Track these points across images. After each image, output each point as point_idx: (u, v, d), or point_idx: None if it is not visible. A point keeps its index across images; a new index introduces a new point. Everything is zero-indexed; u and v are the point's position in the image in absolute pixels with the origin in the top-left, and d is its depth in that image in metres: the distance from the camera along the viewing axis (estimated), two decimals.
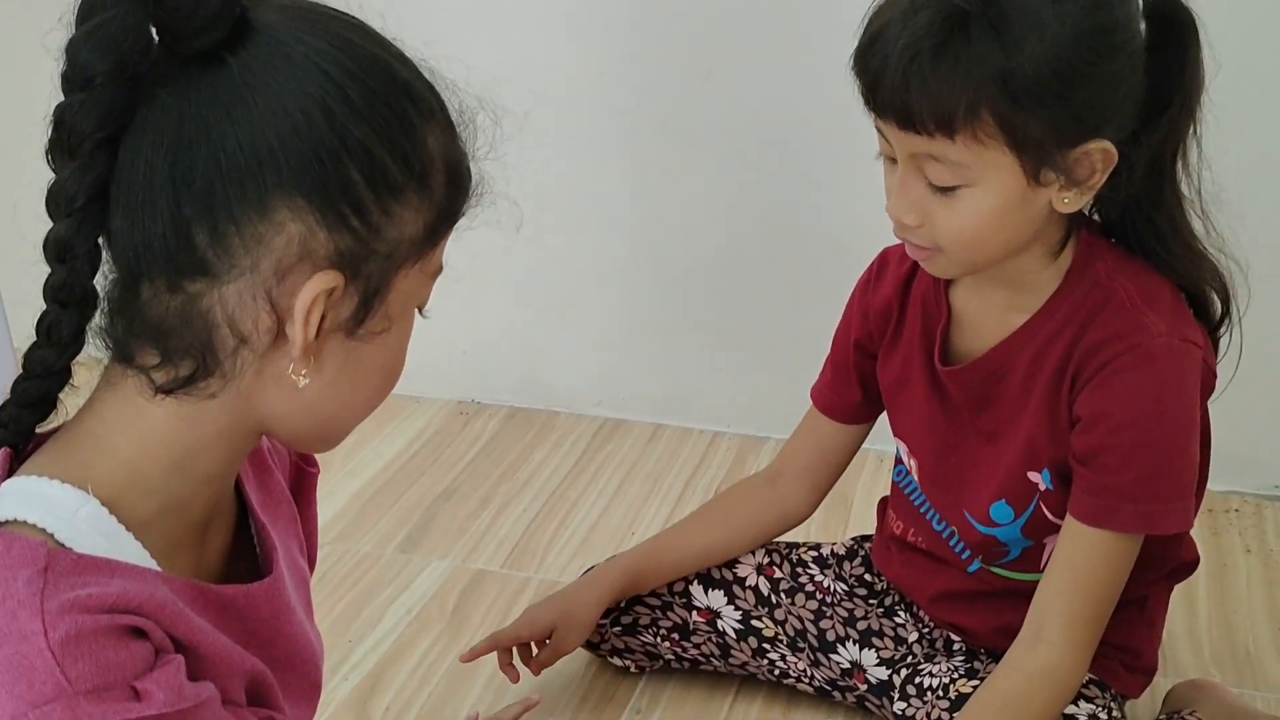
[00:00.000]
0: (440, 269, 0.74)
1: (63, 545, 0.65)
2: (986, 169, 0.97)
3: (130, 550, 0.68)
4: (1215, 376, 1.07)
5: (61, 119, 0.64)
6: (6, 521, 0.66)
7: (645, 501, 1.81)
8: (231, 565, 0.79)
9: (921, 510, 1.25)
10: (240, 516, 0.81)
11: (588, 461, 1.92)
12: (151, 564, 0.69)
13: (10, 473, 0.69)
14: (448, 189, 0.71)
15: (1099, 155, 0.98)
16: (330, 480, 1.85)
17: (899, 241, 1.08)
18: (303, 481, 0.92)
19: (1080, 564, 1.07)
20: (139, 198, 0.65)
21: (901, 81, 0.94)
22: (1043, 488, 1.11)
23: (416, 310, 0.75)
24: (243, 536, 0.81)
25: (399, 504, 1.81)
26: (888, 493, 1.34)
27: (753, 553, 1.37)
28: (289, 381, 0.68)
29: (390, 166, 0.66)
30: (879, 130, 1.02)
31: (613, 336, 2.03)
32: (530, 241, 1.98)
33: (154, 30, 0.64)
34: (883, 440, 1.35)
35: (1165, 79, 0.99)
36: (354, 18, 0.70)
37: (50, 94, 0.65)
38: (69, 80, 0.64)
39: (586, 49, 1.86)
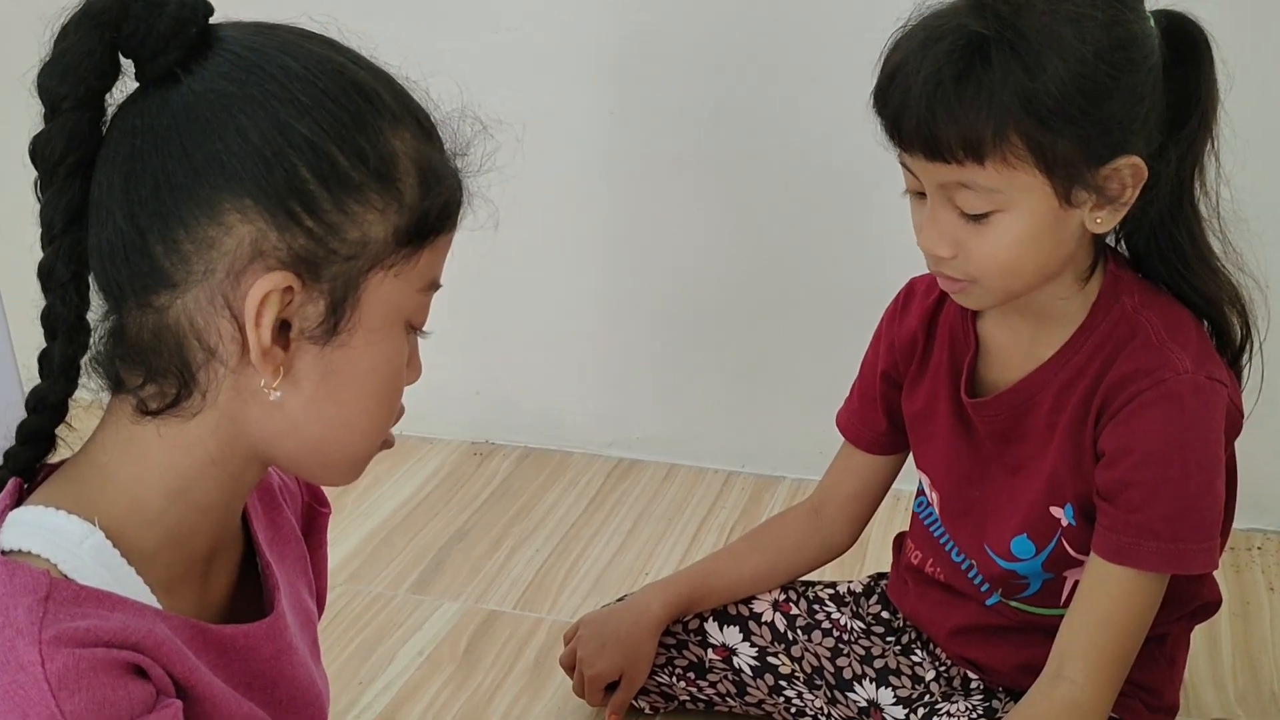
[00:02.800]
0: (434, 284, 0.73)
1: (66, 576, 0.65)
2: (1018, 192, 0.96)
3: (131, 585, 0.67)
4: (1242, 416, 1.06)
5: (35, 148, 0.65)
6: (12, 551, 0.65)
7: (659, 542, 1.79)
8: (235, 603, 0.78)
9: (940, 541, 1.24)
10: (247, 553, 0.80)
11: (601, 501, 1.91)
12: (151, 600, 0.68)
13: (19, 503, 0.69)
14: (421, 193, 0.69)
15: (1128, 171, 0.98)
16: (343, 521, 1.84)
17: (924, 271, 1.08)
18: (314, 521, 0.91)
19: (1104, 601, 1.05)
20: (102, 216, 0.66)
21: (927, 112, 0.94)
22: (1065, 523, 1.10)
23: (414, 330, 0.73)
24: (249, 574, 0.80)
25: (412, 545, 1.79)
26: (904, 529, 1.33)
27: (769, 590, 1.36)
28: (265, 397, 0.67)
29: (342, 162, 0.65)
30: (904, 165, 1.02)
31: (626, 376, 2.02)
32: (544, 279, 1.98)
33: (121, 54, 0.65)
34: (899, 478, 1.34)
35: (1182, 95, 1.00)
36: (316, 33, 0.70)
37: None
38: (44, 110, 0.65)
39: (602, 83, 1.86)
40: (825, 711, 1.31)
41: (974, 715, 1.17)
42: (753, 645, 1.33)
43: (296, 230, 0.65)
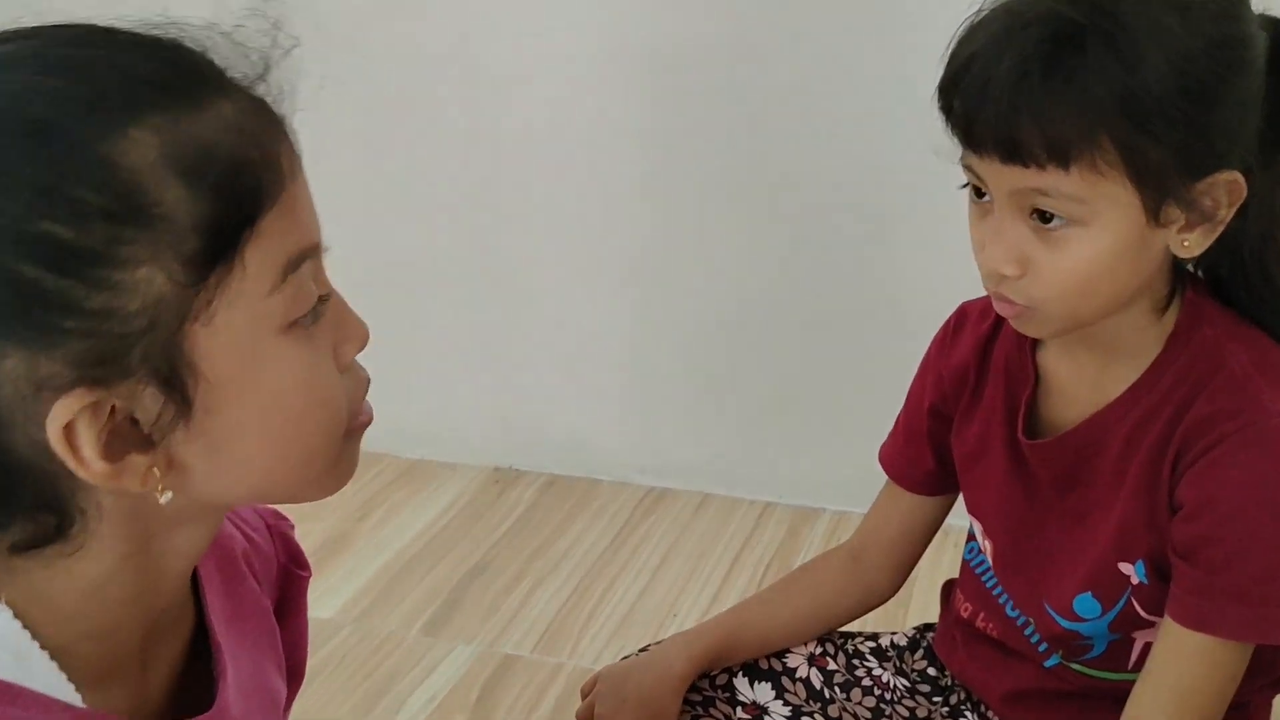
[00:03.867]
0: (294, 263, 0.57)
1: None
2: (1102, 204, 0.85)
3: (42, 676, 0.57)
4: None
5: None
6: None
7: (689, 579, 1.68)
8: (184, 691, 0.67)
9: (994, 594, 1.12)
10: (200, 631, 0.70)
11: (629, 534, 1.81)
12: (67, 692, 0.58)
13: None
14: (194, 197, 0.53)
15: (1225, 187, 0.86)
16: (355, 554, 1.75)
17: (976, 296, 0.96)
18: (292, 586, 0.81)
19: (1180, 671, 0.93)
20: None
21: (1008, 106, 0.82)
22: (1135, 581, 0.98)
23: (309, 315, 0.59)
24: (203, 653, 0.69)
25: (426, 580, 1.70)
26: (954, 573, 1.22)
27: (804, 642, 1.25)
28: (156, 499, 0.56)
29: (65, 234, 0.51)
30: (970, 170, 0.89)
31: (657, 400, 1.92)
32: (571, 302, 1.89)
33: None
34: (951, 513, 1.23)
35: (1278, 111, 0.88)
36: None
37: None
38: None
39: (626, 103, 1.77)
40: None
41: None
42: (786, 704, 1.22)
43: (61, 340, 0.52)
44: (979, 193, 0.90)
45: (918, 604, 1.55)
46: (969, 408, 1.08)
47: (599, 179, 1.82)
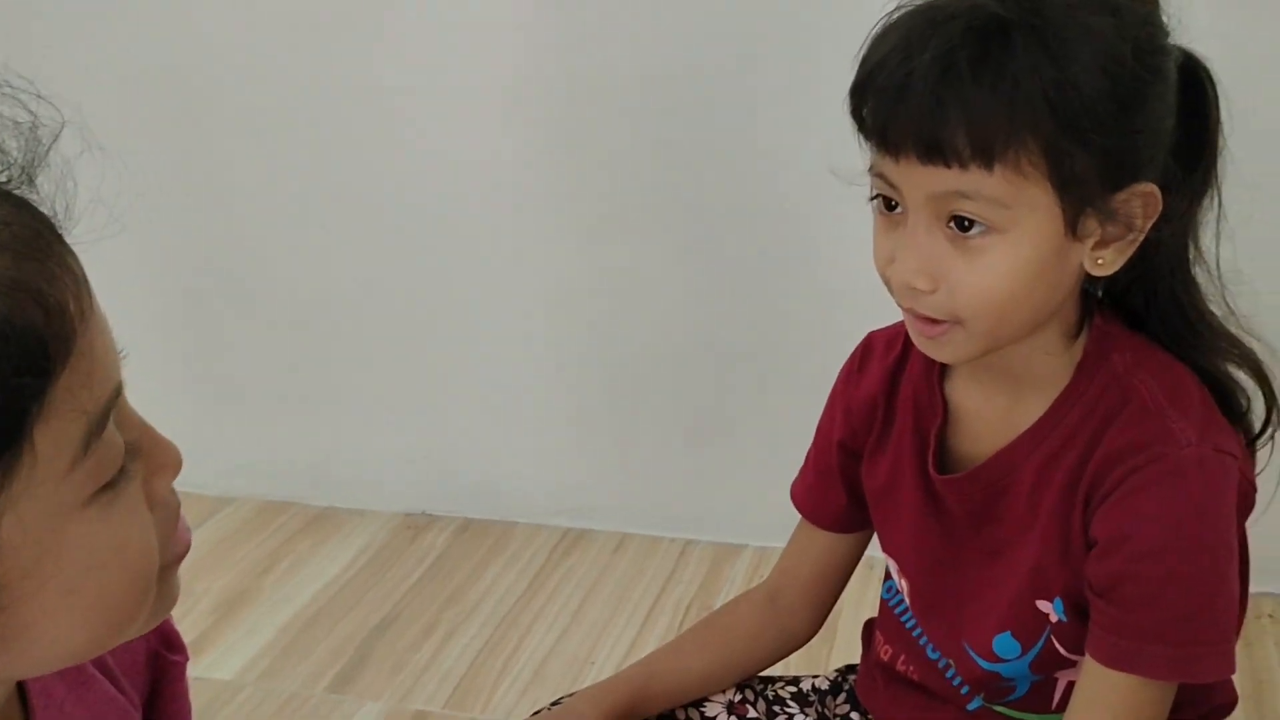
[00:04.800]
0: (94, 433, 0.47)
1: None
2: (1023, 210, 0.80)
3: None
4: (1255, 490, 0.90)
5: None
6: None
7: (608, 624, 1.62)
8: None
9: (914, 635, 1.08)
10: None
11: (545, 578, 1.74)
12: None
13: None
14: None
15: (1142, 200, 0.83)
16: (257, 609, 1.67)
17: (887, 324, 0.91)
18: (165, 673, 0.74)
19: (1103, 711, 0.89)
20: None
21: (932, 100, 0.77)
22: (1054, 619, 0.93)
23: (118, 479, 0.50)
24: None
25: (333, 635, 1.62)
26: (875, 613, 1.17)
27: (722, 690, 1.19)
28: None
29: None
30: (883, 178, 0.84)
31: (573, 439, 1.86)
32: (483, 340, 1.84)
33: None
34: (873, 545, 1.18)
35: (1189, 136, 0.85)
36: None
37: None
38: None
39: (538, 134, 1.72)
40: None
41: None
42: None
43: None
44: (889, 204, 0.86)
45: (843, 640, 1.50)
46: (879, 442, 1.04)
47: (510, 214, 1.77)
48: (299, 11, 1.75)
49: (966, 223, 0.81)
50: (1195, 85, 0.87)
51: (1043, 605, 0.94)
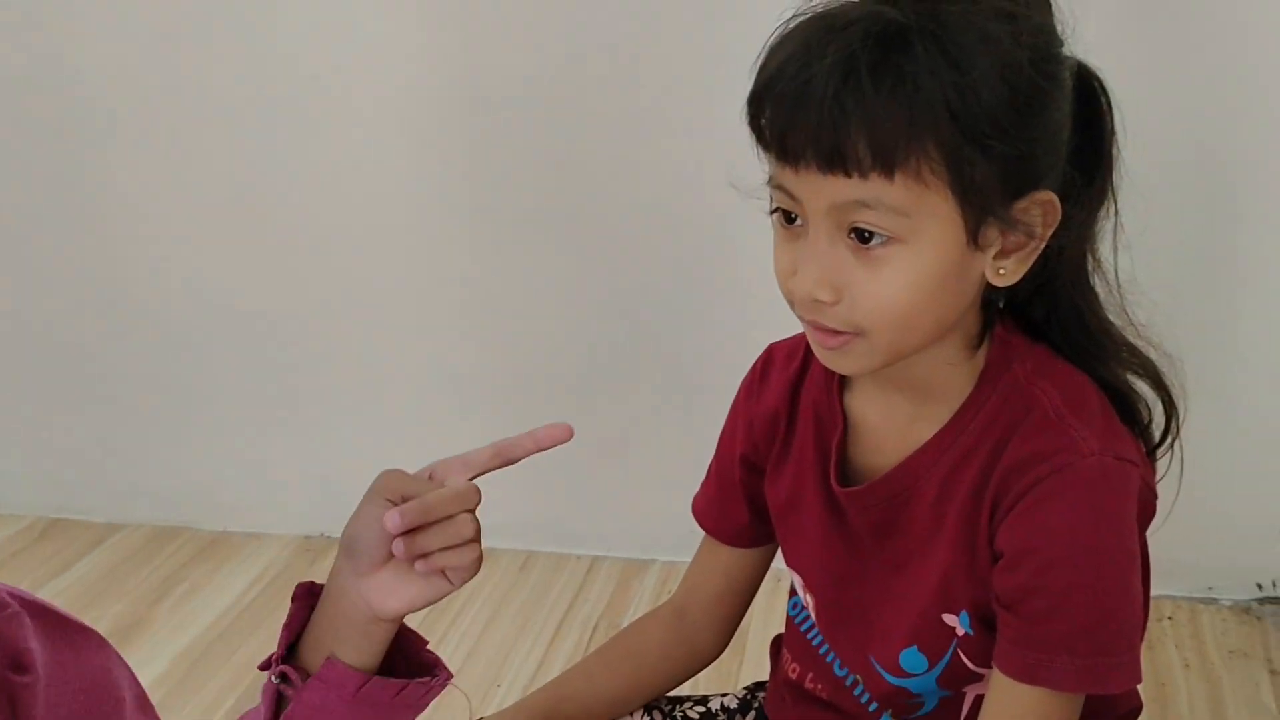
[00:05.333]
0: None
1: None
2: (924, 219, 0.79)
3: None
4: (1156, 497, 0.90)
5: None
6: None
7: (514, 645, 1.59)
8: None
9: (820, 652, 1.06)
10: None
11: (450, 599, 1.69)
12: None
13: None
14: None
15: (1042, 208, 0.83)
16: (150, 640, 1.61)
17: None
18: (17, 699, 0.70)
19: None
20: None
21: (832, 107, 0.76)
22: (960, 632, 0.93)
23: None
24: None
25: (230, 664, 1.57)
26: (783, 628, 1.15)
27: (630, 713, 1.17)
28: None
29: None
30: (782, 189, 0.83)
31: None
32: (381, 355, 1.80)
33: None
34: (780, 558, 1.17)
35: (1085, 146, 0.85)
36: None
37: None
38: None
39: (439, 147, 1.69)
40: None
41: None
42: None
43: None
44: (789, 217, 0.84)
45: (752, 655, 1.49)
46: (781, 455, 1.02)
47: (408, 229, 1.74)
48: (188, 21, 1.70)
49: (867, 234, 0.80)
50: (1090, 95, 0.88)
51: (949, 619, 0.93)
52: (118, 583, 1.76)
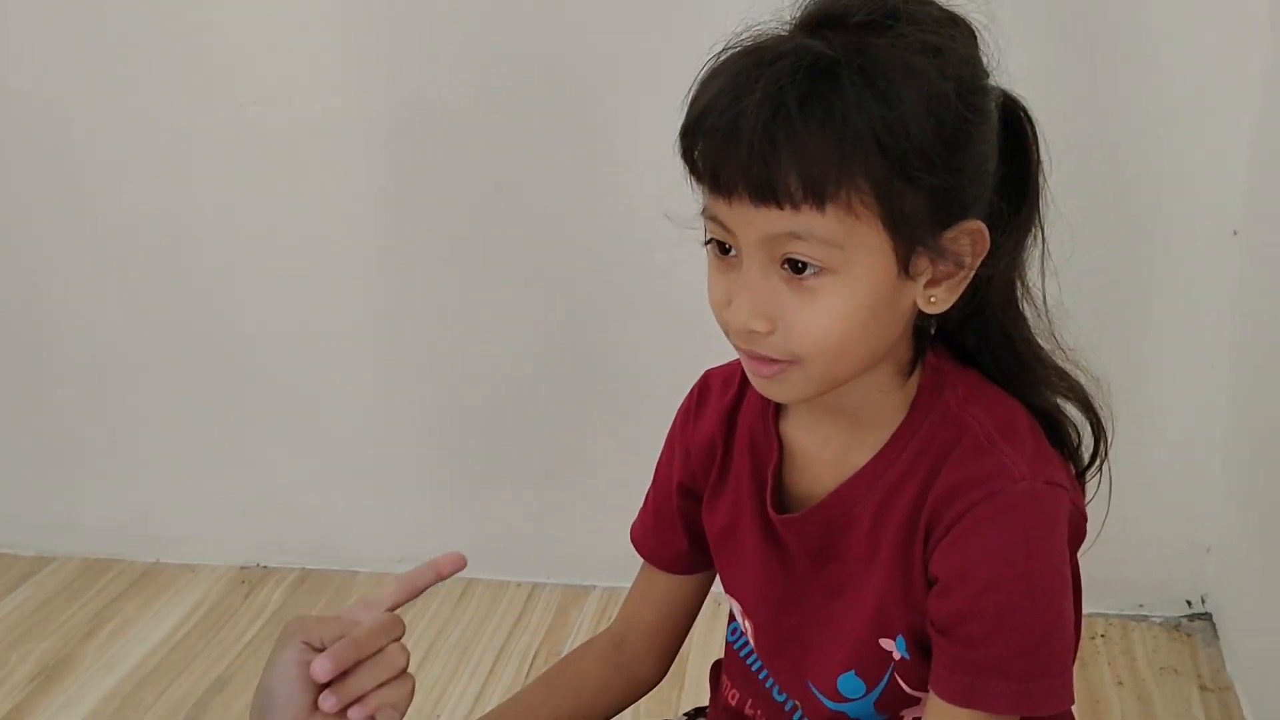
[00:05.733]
0: None
1: None
2: (856, 250, 0.80)
3: None
4: (1085, 520, 0.92)
5: None
6: None
7: (453, 675, 1.58)
8: None
9: (760, 678, 1.07)
10: None
11: None
12: None
13: None
14: None
15: (971, 237, 0.84)
16: (80, 677, 1.58)
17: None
18: None
19: None
20: None
21: (762, 140, 0.77)
22: (897, 657, 0.94)
23: None
24: None
25: (162, 700, 1.55)
26: (723, 653, 1.15)
27: None
28: None
29: None
30: (716, 220, 0.83)
31: (413, 484, 1.82)
32: (316, 381, 1.78)
33: None
34: (719, 583, 1.18)
35: (1012, 176, 0.87)
36: None
37: None
38: None
39: (369, 171, 1.68)
40: None
41: None
42: None
43: None
44: (723, 248, 0.85)
45: (691, 681, 1.49)
46: (718, 483, 1.03)
47: (343, 254, 1.72)
48: (113, 52, 1.68)
49: (800, 264, 0.81)
50: (1015, 125, 0.89)
51: (885, 643, 0.94)
52: (47, 619, 1.73)
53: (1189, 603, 1.64)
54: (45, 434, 1.90)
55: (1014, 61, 0.88)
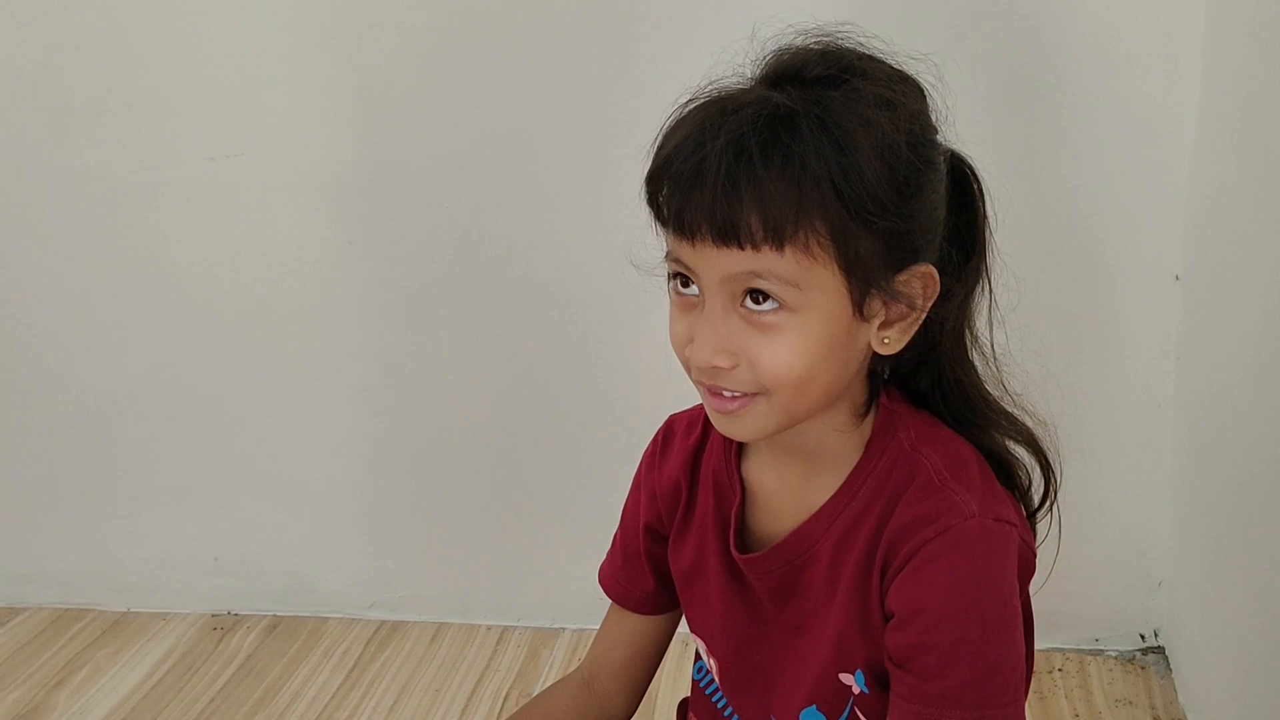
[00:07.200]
0: None
1: None
2: (813, 290, 0.84)
3: None
4: (1034, 555, 0.96)
5: None
6: None
7: (426, 716, 1.60)
8: None
9: (725, 715, 1.09)
10: None
11: (360, 674, 1.70)
12: None
13: None
14: None
15: (922, 280, 0.89)
16: None
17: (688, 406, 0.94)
18: None
19: None
20: None
21: (725, 183, 0.81)
22: (857, 691, 0.97)
23: None
24: None
25: None
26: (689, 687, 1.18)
27: None
28: None
29: None
30: (678, 260, 0.88)
31: (384, 529, 1.83)
32: (285, 428, 1.79)
33: None
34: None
35: (960, 228, 0.92)
36: None
37: None
38: None
39: (323, 216, 1.71)
40: None
41: None
42: None
43: None
44: (684, 282, 0.89)
45: (662, 716, 1.51)
46: (683, 524, 1.06)
47: (308, 302, 1.74)
48: (73, 99, 1.70)
49: (761, 297, 0.85)
50: (962, 180, 0.94)
51: (845, 678, 0.97)
52: (17, 668, 1.73)
53: (1142, 636, 1.68)
54: (15, 483, 1.90)
55: (960, 120, 0.93)
